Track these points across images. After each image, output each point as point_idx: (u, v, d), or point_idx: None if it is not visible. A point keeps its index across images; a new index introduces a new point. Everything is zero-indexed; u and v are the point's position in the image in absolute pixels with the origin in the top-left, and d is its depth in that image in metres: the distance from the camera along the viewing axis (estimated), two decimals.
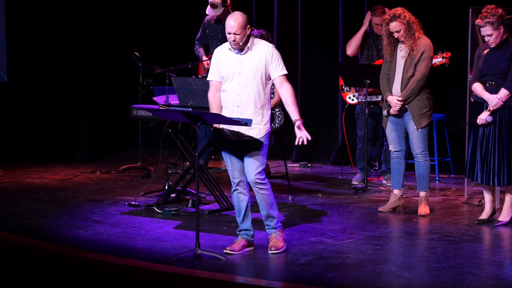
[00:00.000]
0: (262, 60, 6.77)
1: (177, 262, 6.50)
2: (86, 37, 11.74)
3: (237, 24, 6.68)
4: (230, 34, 6.71)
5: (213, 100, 6.90)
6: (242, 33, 6.70)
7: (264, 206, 6.88)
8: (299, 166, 11.18)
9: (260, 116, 6.79)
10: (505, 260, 6.68)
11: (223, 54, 6.86)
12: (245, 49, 6.78)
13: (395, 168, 8.40)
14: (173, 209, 8.28)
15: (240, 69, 6.77)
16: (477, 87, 7.74)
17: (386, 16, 8.18)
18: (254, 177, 6.78)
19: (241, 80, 6.76)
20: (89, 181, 10.03)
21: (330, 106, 11.45)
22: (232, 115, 6.74)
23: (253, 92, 6.76)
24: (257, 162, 6.78)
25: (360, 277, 6.22)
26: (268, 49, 6.80)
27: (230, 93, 6.80)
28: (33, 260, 6.66)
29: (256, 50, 6.80)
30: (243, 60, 6.78)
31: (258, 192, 6.84)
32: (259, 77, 6.76)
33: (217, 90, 6.89)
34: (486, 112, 7.62)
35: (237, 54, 6.79)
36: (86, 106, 11.73)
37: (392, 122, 8.31)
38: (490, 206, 7.90)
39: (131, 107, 8.73)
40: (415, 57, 8.12)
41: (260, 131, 6.79)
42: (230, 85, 6.79)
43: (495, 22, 7.52)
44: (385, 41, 8.24)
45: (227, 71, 6.80)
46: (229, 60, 6.81)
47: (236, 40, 6.70)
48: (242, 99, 6.76)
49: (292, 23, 11.50)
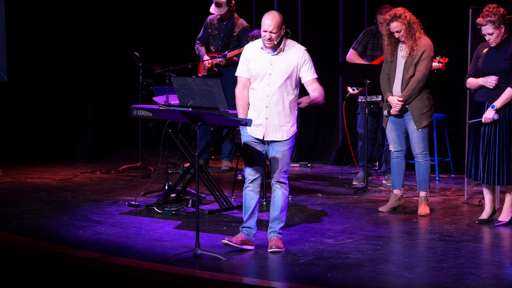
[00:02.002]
0: (293, 63, 6.77)
1: (177, 262, 6.50)
2: (86, 37, 11.73)
3: (274, 23, 6.68)
4: (266, 32, 6.69)
5: (240, 96, 6.89)
6: (277, 33, 6.69)
7: (279, 206, 6.90)
8: (299, 166, 11.18)
9: (288, 118, 6.81)
10: (505, 260, 6.68)
11: (254, 52, 6.85)
12: (277, 49, 6.78)
13: (395, 168, 8.40)
14: (173, 209, 8.28)
15: (271, 69, 6.76)
16: (470, 80, 7.77)
17: (387, 16, 8.18)
18: (280, 175, 6.83)
19: (271, 81, 6.76)
20: (89, 181, 10.03)
21: (330, 106, 11.45)
22: (260, 114, 6.77)
23: (282, 94, 6.77)
24: (283, 161, 6.84)
25: (360, 277, 6.22)
26: (300, 52, 6.80)
27: (259, 92, 6.80)
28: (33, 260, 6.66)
29: (288, 52, 6.79)
30: (274, 60, 6.77)
31: (280, 190, 6.88)
32: (289, 80, 6.77)
33: (245, 86, 6.89)
34: (491, 110, 7.60)
35: (269, 54, 6.78)
36: (86, 106, 11.73)
37: (393, 122, 8.31)
38: (490, 206, 7.90)
39: (131, 107, 8.73)
40: (415, 57, 8.12)
41: (287, 133, 6.82)
42: (260, 84, 6.80)
43: (496, 21, 7.53)
44: (386, 41, 8.24)
45: (257, 70, 6.79)
46: (260, 59, 6.79)
47: (271, 38, 6.69)
48: (272, 100, 6.77)
49: (292, 23, 11.50)
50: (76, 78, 11.74)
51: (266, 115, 6.76)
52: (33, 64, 12.03)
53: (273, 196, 6.92)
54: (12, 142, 11.99)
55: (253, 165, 6.86)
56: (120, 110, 11.35)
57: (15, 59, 12.01)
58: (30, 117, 12.10)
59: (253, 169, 6.87)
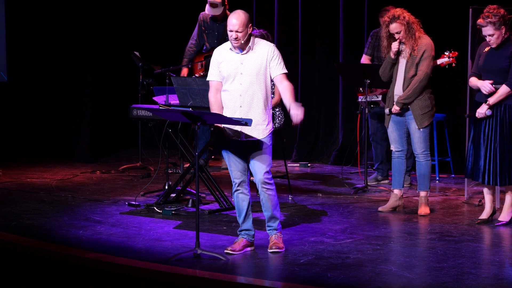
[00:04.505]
0: (263, 60, 6.75)
1: (177, 262, 6.50)
2: (86, 37, 11.73)
3: (240, 22, 6.67)
4: (232, 32, 6.69)
5: (214, 100, 6.86)
6: (244, 31, 6.69)
7: (269, 206, 6.87)
8: (299, 166, 11.18)
9: (263, 116, 6.78)
10: (505, 260, 6.68)
11: (223, 54, 6.84)
12: (246, 48, 6.76)
13: (396, 168, 8.40)
14: (173, 209, 8.28)
15: (242, 69, 6.75)
16: (472, 80, 7.77)
17: (385, 18, 8.18)
18: (262, 176, 6.78)
19: (243, 80, 6.75)
20: (89, 181, 10.03)
21: (330, 106, 11.45)
22: (234, 115, 6.73)
23: (255, 92, 6.75)
24: (264, 162, 6.78)
25: (360, 277, 6.22)
26: (269, 48, 6.78)
27: (232, 93, 6.78)
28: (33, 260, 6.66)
29: (257, 50, 6.78)
30: (244, 59, 6.76)
31: (265, 192, 6.84)
32: (261, 77, 6.76)
33: (217, 90, 6.86)
34: (485, 105, 7.62)
35: (238, 53, 6.78)
36: (86, 106, 11.73)
37: (394, 122, 8.31)
38: (490, 206, 7.90)
39: (131, 107, 8.73)
40: (416, 57, 8.13)
41: (263, 131, 6.78)
42: (232, 85, 6.78)
43: (497, 22, 7.52)
44: (385, 43, 8.24)
45: (228, 71, 6.78)
46: (230, 60, 6.79)
47: (238, 37, 6.68)
48: (245, 99, 6.75)
49: (292, 23, 11.50)
50: (76, 78, 11.74)
51: (241, 115, 6.73)
52: (33, 64, 12.03)
53: (261, 199, 6.89)
54: (12, 142, 12.00)
55: (237, 167, 6.84)
56: (120, 110, 11.35)
57: (15, 59, 12.01)
58: (30, 117, 12.10)
59: (237, 172, 6.84)
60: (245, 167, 6.86)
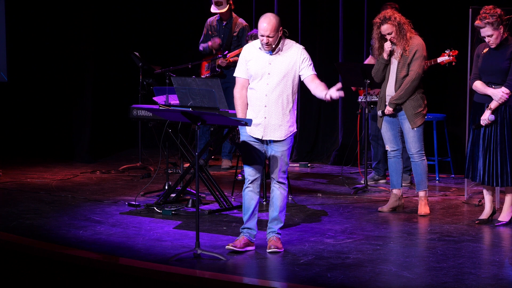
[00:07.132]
0: (292, 62, 6.78)
1: (177, 262, 6.50)
2: (86, 37, 11.74)
3: (271, 27, 6.67)
4: (263, 36, 6.69)
5: (239, 96, 6.89)
6: (275, 36, 6.70)
7: (278, 206, 6.89)
8: (299, 166, 11.18)
9: (287, 117, 6.82)
10: (505, 260, 6.68)
11: (252, 52, 6.85)
12: (276, 50, 6.78)
13: (393, 168, 8.41)
14: (173, 209, 8.28)
15: (270, 69, 6.77)
16: (478, 85, 7.73)
17: (376, 19, 8.21)
18: (279, 175, 6.83)
19: (270, 80, 6.77)
20: (89, 181, 10.03)
21: (330, 106, 11.45)
22: (258, 114, 6.77)
23: (281, 92, 6.78)
24: (282, 161, 6.84)
25: (360, 277, 6.22)
26: (299, 51, 6.81)
27: (258, 92, 6.80)
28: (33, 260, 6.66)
29: (287, 51, 6.80)
30: (273, 60, 6.78)
31: (278, 190, 6.87)
32: (288, 78, 6.79)
33: (243, 87, 6.89)
34: (487, 111, 7.61)
35: (267, 54, 6.79)
36: (86, 106, 11.73)
37: (387, 122, 8.33)
38: (490, 206, 7.90)
39: (131, 107, 8.73)
40: (408, 57, 8.15)
41: (285, 132, 6.82)
42: (258, 84, 6.80)
43: (494, 23, 7.52)
44: (377, 44, 8.26)
45: (255, 70, 6.79)
46: (259, 59, 6.80)
47: (269, 42, 6.70)
48: (270, 99, 6.77)
49: (292, 23, 11.50)
50: (76, 78, 11.74)
51: (265, 115, 6.76)
52: (33, 64, 12.02)
53: (272, 196, 6.92)
54: (12, 142, 11.99)
55: (253, 165, 6.86)
56: (120, 110, 11.35)
57: (15, 59, 12.01)
58: (30, 117, 12.10)
59: (252, 169, 6.86)
60: (261, 166, 6.88)
